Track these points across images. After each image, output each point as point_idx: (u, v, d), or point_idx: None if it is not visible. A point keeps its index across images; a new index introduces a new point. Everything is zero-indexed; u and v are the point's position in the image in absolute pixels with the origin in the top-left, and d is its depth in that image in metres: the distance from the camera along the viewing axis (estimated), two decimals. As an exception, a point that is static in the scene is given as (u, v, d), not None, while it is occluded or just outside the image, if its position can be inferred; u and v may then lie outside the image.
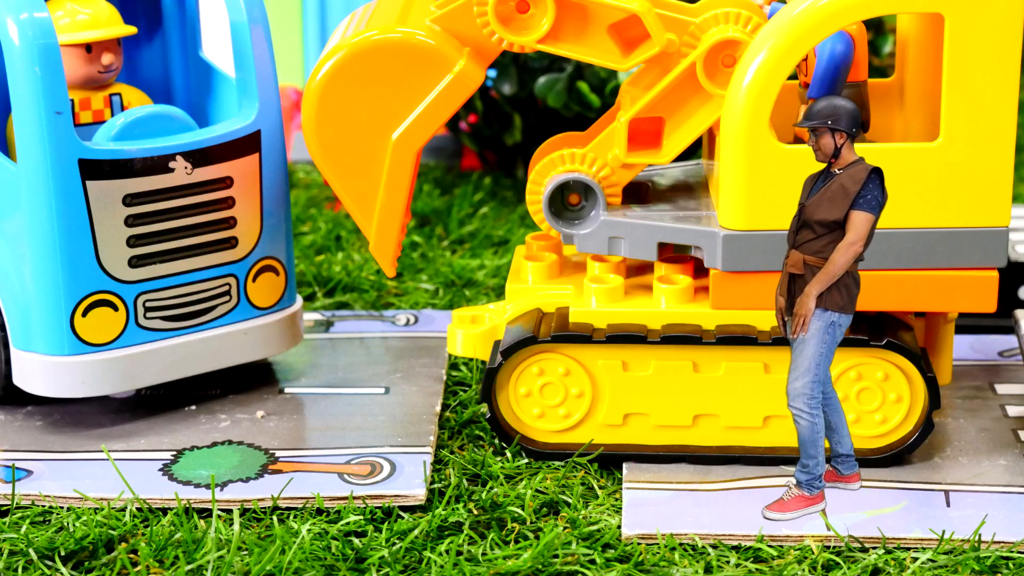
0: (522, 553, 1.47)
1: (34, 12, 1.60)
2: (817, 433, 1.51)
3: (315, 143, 1.66)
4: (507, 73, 2.36)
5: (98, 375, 1.68)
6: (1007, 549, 1.48)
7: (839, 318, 1.49)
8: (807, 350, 1.50)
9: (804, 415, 1.50)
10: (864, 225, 1.46)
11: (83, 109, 1.76)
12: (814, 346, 1.49)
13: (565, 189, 1.68)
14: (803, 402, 1.50)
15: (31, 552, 1.47)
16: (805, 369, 1.50)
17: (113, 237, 1.66)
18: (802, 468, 1.52)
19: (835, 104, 1.47)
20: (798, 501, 1.52)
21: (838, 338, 1.50)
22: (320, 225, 2.28)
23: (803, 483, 1.53)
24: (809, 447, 1.51)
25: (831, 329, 1.49)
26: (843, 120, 1.46)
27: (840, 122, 1.46)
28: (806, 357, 1.50)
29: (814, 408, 1.50)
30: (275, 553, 1.45)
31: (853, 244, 1.47)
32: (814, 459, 1.52)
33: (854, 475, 1.56)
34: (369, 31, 1.63)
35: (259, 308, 1.76)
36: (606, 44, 1.64)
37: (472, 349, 1.69)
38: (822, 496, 1.53)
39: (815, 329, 1.49)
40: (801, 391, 1.50)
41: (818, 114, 1.47)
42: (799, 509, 1.52)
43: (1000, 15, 1.52)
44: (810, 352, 1.50)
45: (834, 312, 1.49)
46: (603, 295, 1.65)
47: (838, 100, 1.47)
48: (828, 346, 1.50)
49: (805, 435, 1.51)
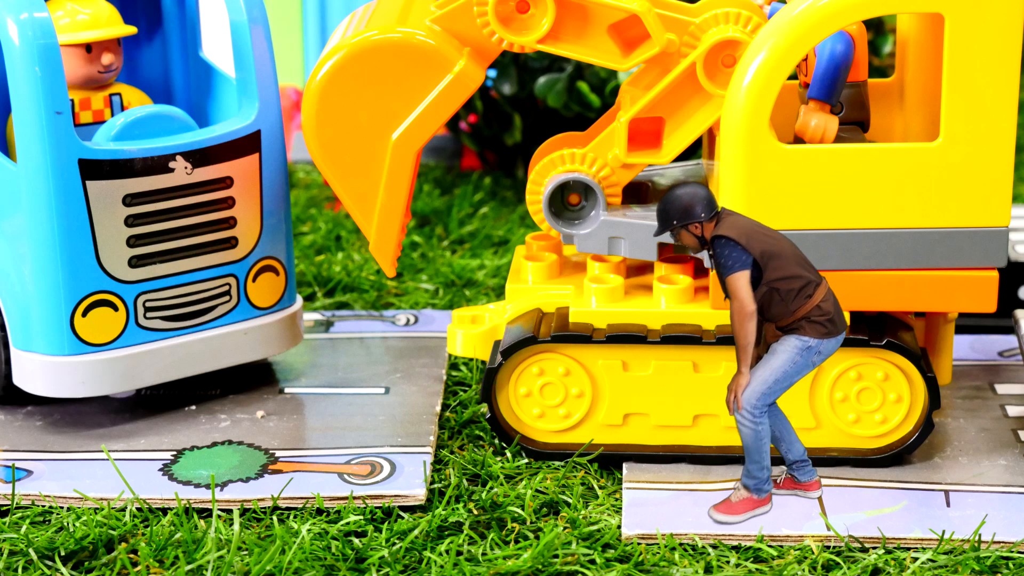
0: (522, 553, 1.47)
1: (34, 12, 1.60)
2: (761, 440, 1.50)
3: (315, 143, 1.66)
4: (507, 73, 2.36)
5: (98, 375, 1.68)
6: (1007, 549, 1.48)
7: (819, 344, 1.49)
8: (773, 362, 1.49)
9: (747, 422, 1.49)
10: (735, 286, 1.46)
11: (83, 109, 1.76)
12: (782, 362, 1.49)
13: (565, 189, 1.68)
14: (747, 409, 1.49)
15: (31, 552, 1.47)
16: (762, 380, 1.49)
17: (113, 237, 1.66)
18: (747, 474, 1.52)
19: (677, 201, 1.48)
20: (746, 504, 1.52)
21: (812, 363, 1.49)
22: (320, 225, 2.28)
23: (751, 487, 1.52)
24: (754, 453, 1.51)
25: (806, 352, 1.49)
26: (690, 213, 1.47)
27: (688, 217, 1.47)
28: (769, 368, 1.49)
29: (758, 417, 1.49)
30: (275, 553, 1.45)
31: (739, 310, 1.46)
32: (758, 464, 1.51)
33: (814, 482, 1.55)
34: (369, 31, 1.63)
35: (259, 308, 1.76)
36: (606, 44, 1.64)
37: (472, 349, 1.69)
38: (769, 499, 1.53)
39: (790, 347, 1.49)
40: (749, 398, 1.49)
41: (665, 218, 1.48)
42: (747, 512, 1.52)
43: (1000, 15, 1.52)
44: (775, 365, 1.49)
45: (814, 339, 1.49)
46: (603, 295, 1.65)
47: (678, 194, 1.48)
48: (797, 368, 1.49)
49: (748, 442, 1.50)
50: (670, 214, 1.48)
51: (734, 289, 1.46)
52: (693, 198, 1.48)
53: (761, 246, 1.47)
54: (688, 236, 1.49)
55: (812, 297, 1.48)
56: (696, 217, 1.48)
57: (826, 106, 1.62)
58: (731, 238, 1.46)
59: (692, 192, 1.48)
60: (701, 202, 1.48)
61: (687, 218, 1.48)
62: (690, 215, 1.48)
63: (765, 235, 1.48)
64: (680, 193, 1.48)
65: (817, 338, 1.48)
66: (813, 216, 1.57)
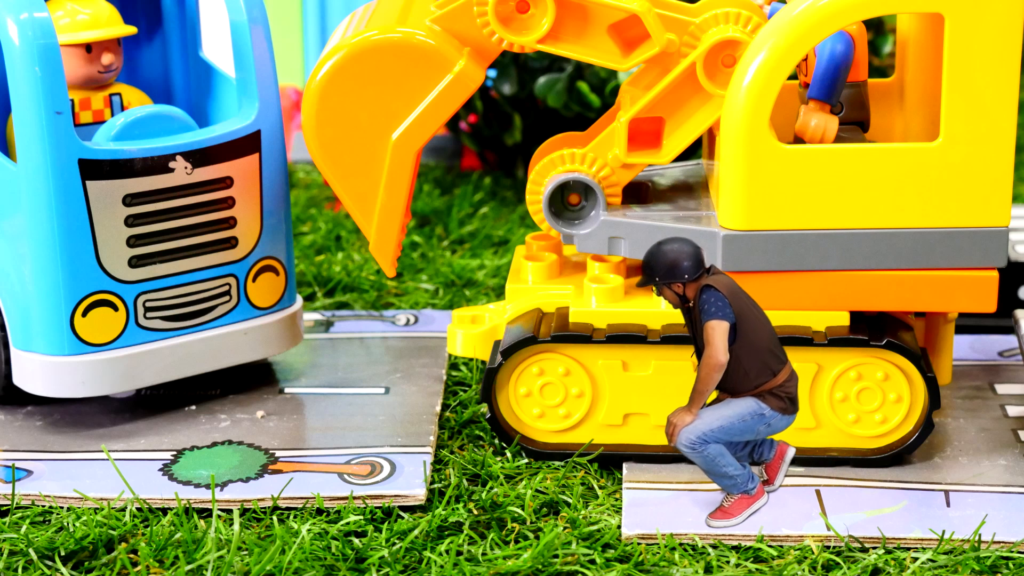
0: (522, 553, 1.47)
1: (34, 12, 1.60)
2: (713, 460, 1.49)
3: (315, 143, 1.66)
4: (507, 73, 2.36)
5: (98, 375, 1.68)
6: (1007, 549, 1.48)
7: (772, 415, 1.49)
8: (725, 410, 1.49)
9: (691, 453, 1.49)
10: (714, 333, 1.45)
11: (83, 109, 1.76)
12: (734, 412, 1.49)
13: (565, 189, 1.68)
14: (687, 442, 1.49)
15: (31, 552, 1.47)
16: (709, 421, 1.49)
17: (113, 237, 1.66)
18: (726, 487, 1.52)
19: (663, 257, 1.47)
20: (740, 504, 1.52)
21: (758, 431, 1.49)
22: (320, 225, 2.28)
23: (735, 491, 1.52)
24: (714, 473, 1.51)
25: (759, 417, 1.49)
26: (674, 272, 1.46)
27: (672, 276, 1.47)
28: (719, 413, 1.49)
29: (698, 447, 1.49)
30: (275, 553, 1.45)
31: (711, 357, 1.46)
32: (724, 477, 1.51)
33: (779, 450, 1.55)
34: (369, 31, 1.63)
35: (259, 308, 1.76)
36: (606, 44, 1.64)
37: (472, 349, 1.69)
38: (762, 491, 1.53)
39: (747, 404, 1.49)
40: (692, 432, 1.48)
41: (649, 272, 1.48)
42: (743, 511, 1.52)
43: (1000, 15, 1.52)
44: (726, 413, 1.49)
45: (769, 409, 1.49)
46: (603, 295, 1.65)
47: (664, 250, 1.47)
48: (745, 425, 1.49)
49: (702, 466, 1.50)
50: (655, 270, 1.48)
51: (712, 335, 1.46)
52: (679, 255, 1.47)
53: (742, 311, 1.47)
54: (669, 293, 1.49)
55: (776, 375, 1.49)
56: (680, 277, 1.47)
57: (826, 106, 1.62)
58: (720, 291, 1.47)
59: (679, 249, 1.47)
60: (688, 260, 1.47)
61: (671, 277, 1.47)
62: (674, 274, 1.47)
63: (748, 304, 1.49)
64: (667, 249, 1.48)
65: (773, 410, 1.49)
66: (813, 216, 1.57)
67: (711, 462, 1.50)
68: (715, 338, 1.46)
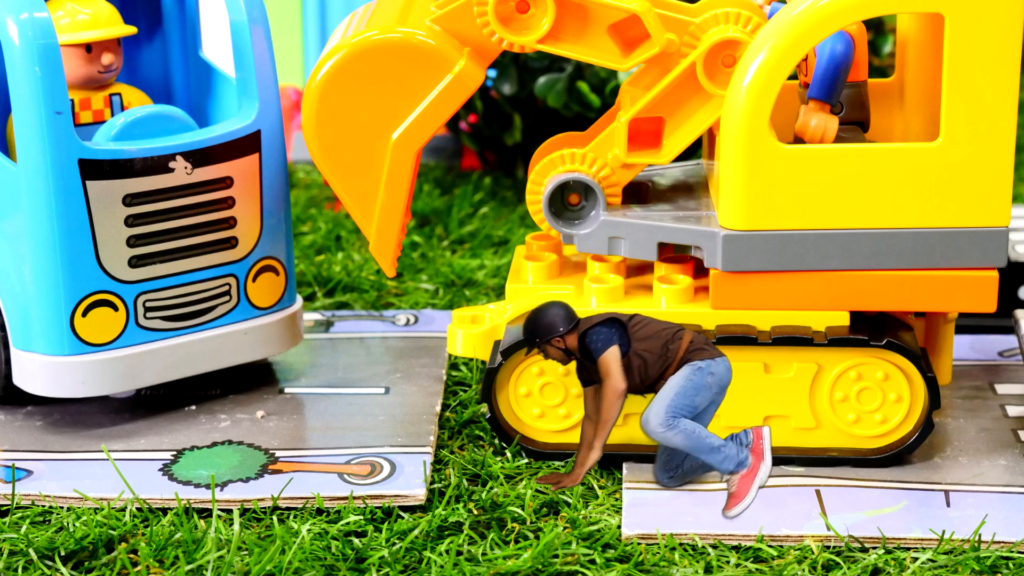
0: (522, 553, 1.47)
1: (34, 12, 1.60)
2: (693, 436, 1.52)
3: (315, 143, 1.66)
4: (507, 73, 2.36)
5: (98, 375, 1.68)
6: (1007, 549, 1.48)
7: (708, 364, 1.52)
8: (668, 384, 1.52)
9: (668, 434, 1.51)
10: (606, 366, 1.52)
11: (83, 109, 1.76)
12: (677, 380, 1.52)
13: (565, 189, 1.68)
14: (657, 425, 1.51)
15: (31, 552, 1.47)
16: (662, 397, 1.52)
17: (113, 237, 1.66)
18: (719, 466, 1.53)
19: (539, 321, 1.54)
20: (744, 481, 1.52)
21: (707, 384, 1.52)
22: (320, 225, 2.28)
23: (733, 470, 1.53)
24: (701, 450, 1.52)
25: (698, 372, 1.52)
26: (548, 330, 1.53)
27: (548, 333, 1.53)
28: (666, 388, 1.52)
29: (673, 426, 1.51)
30: (275, 553, 1.45)
31: (610, 388, 1.51)
32: (713, 452, 1.52)
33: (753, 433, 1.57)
34: (369, 31, 1.63)
35: (259, 308, 1.76)
36: (606, 44, 1.64)
37: (472, 349, 1.69)
38: (758, 460, 1.53)
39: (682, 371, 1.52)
40: (655, 415, 1.51)
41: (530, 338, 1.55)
42: (750, 487, 1.52)
43: (1000, 15, 1.52)
44: (671, 384, 1.53)
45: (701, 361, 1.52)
46: (603, 295, 1.65)
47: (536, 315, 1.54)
48: (693, 384, 1.52)
49: (686, 445, 1.52)
50: (534, 333, 1.55)
51: (606, 368, 1.52)
52: (554, 317, 1.54)
53: (622, 320, 1.54)
54: (554, 350, 1.55)
55: (681, 340, 1.53)
56: (556, 331, 1.53)
57: (826, 106, 1.62)
58: (596, 325, 1.52)
59: (550, 311, 1.54)
60: (559, 317, 1.54)
61: (549, 333, 1.54)
62: (552, 331, 1.54)
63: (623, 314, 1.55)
64: (539, 313, 1.55)
65: (705, 359, 1.52)
66: (813, 216, 1.57)
67: (692, 436, 1.51)
68: (610, 368, 1.52)
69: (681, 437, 1.51)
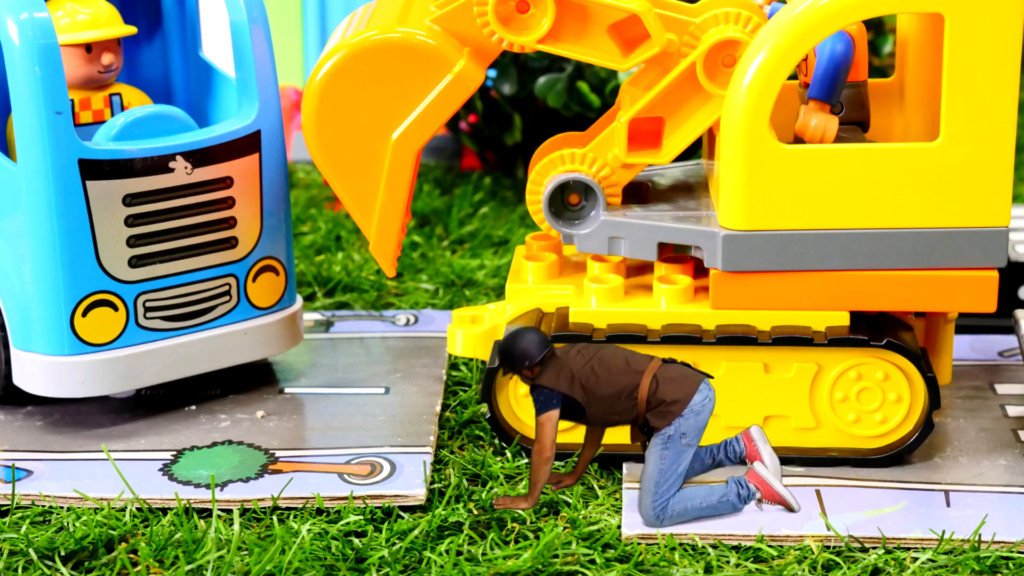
0: (522, 553, 1.47)
1: (34, 12, 1.60)
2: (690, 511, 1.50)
3: (315, 143, 1.66)
4: (507, 73, 2.36)
5: (98, 375, 1.68)
6: (1007, 549, 1.48)
7: (676, 427, 1.49)
8: (646, 470, 1.51)
9: (666, 523, 1.50)
10: (541, 430, 1.50)
11: (83, 109, 1.76)
12: (654, 464, 1.50)
13: (565, 189, 1.68)
14: (653, 520, 1.50)
15: (31, 552, 1.47)
16: (647, 490, 1.50)
17: (113, 237, 1.66)
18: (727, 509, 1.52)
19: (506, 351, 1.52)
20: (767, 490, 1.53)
21: (683, 446, 1.50)
22: (320, 225, 2.28)
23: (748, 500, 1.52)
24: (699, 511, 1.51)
25: (669, 442, 1.50)
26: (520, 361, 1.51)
27: (518, 363, 1.51)
28: (645, 476, 1.50)
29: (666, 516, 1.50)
30: (275, 553, 1.45)
31: (537, 453, 1.50)
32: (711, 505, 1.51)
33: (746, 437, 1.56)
34: (369, 31, 1.63)
35: (259, 308, 1.76)
36: (606, 44, 1.64)
37: (472, 349, 1.69)
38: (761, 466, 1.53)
39: (654, 448, 1.50)
40: (643, 514, 1.50)
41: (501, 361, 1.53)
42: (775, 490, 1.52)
43: (1000, 15, 1.52)
44: (649, 471, 1.50)
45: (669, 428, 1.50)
46: (603, 295, 1.65)
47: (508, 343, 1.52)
48: (671, 457, 1.50)
49: (688, 516, 1.51)
50: (511, 357, 1.52)
51: (538, 431, 1.50)
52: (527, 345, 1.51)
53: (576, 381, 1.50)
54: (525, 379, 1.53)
55: (636, 399, 1.50)
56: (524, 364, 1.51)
57: (826, 106, 1.62)
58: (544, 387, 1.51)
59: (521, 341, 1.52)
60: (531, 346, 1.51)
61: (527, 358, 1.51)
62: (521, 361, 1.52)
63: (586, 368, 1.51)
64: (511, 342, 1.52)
65: (672, 421, 1.50)
66: (813, 216, 1.57)
67: (687, 512, 1.50)
68: (541, 435, 1.50)
69: (679, 518, 1.50)
